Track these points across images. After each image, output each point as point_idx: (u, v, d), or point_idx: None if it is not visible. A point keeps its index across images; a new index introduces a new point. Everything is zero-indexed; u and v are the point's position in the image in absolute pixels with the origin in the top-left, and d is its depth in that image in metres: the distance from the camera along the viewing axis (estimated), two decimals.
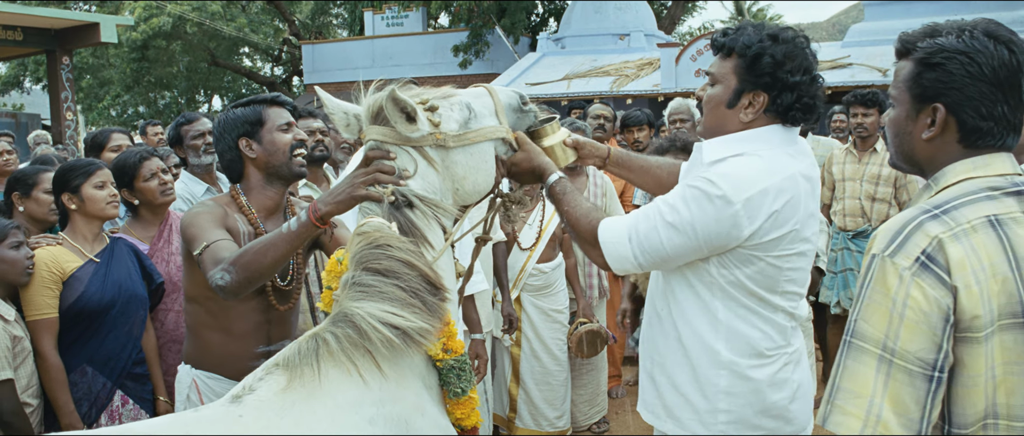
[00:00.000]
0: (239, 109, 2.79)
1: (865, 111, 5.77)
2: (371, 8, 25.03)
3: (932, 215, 1.61)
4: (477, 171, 2.26)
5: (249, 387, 1.86)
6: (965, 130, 1.69)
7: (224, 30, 24.04)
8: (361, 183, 2.13)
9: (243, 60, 31.46)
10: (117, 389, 3.34)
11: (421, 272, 1.96)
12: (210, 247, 2.45)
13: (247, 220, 2.76)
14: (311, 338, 1.90)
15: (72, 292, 3.24)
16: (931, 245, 1.57)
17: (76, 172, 3.37)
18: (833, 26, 66.03)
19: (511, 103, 2.42)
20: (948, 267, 1.55)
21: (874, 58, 16.00)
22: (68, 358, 3.23)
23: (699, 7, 32.13)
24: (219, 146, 2.81)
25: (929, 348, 1.54)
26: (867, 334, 1.60)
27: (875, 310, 1.59)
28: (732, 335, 2.29)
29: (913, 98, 1.74)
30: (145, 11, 23.34)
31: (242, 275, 2.30)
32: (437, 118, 2.19)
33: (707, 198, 2.16)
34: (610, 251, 2.31)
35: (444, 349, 2.04)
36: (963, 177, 1.69)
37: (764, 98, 2.27)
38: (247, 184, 2.81)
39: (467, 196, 2.28)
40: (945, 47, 1.67)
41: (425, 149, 2.18)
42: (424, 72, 22.70)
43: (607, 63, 19.04)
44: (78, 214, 3.37)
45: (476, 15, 21.76)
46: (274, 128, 2.76)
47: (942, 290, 1.54)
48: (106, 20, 15.09)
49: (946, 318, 1.54)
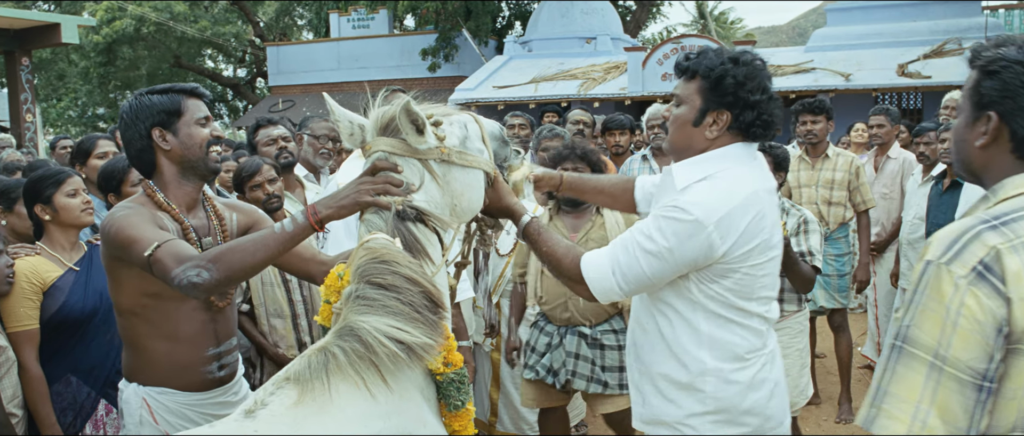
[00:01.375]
0: (155, 96, 2.60)
1: (813, 118, 5.88)
2: (337, 10, 24.91)
3: (990, 226, 1.60)
4: (473, 189, 2.30)
5: (261, 402, 1.86)
6: (1017, 140, 1.70)
7: (188, 31, 23.73)
8: (368, 190, 2.11)
9: (206, 61, 31.11)
10: (101, 398, 3.32)
11: (424, 289, 1.97)
12: (164, 246, 2.26)
13: (170, 216, 2.60)
14: (320, 352, 1.91)
15: (54, 302, 3.20)
16: (989, 255, 1.56)
17: (46, 182, 3.30)
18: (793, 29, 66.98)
19: (494, 133, 2.46)
20: (1004, 277, 1.54)
21: (836, 62, 16.28)
22: (52, 368, 3.20)
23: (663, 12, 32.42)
24: (128, 134, 2.60)
25: (981, 357, 1.54)
26: (919, 340, 1.59)
27: (928, 317, 1.59)
28: (715, 344, 2.42)
29: (972, 106, 1.76)
30: (107, 13, 23.00)
31: (223, 273, 2.14)
32: (442, 133, 2.22)
33: (681, 224, 2.29)
34: (596, 286, 2.41)
35: (445, 363, 2.05)
36: (1022, 190, 1.69)
37: (727, 116, 2.41)
38: (161, 179, 2.63)
39: (462, 213, 2.31)
40: (1005, 57, 1.69)
41: (429, 163, 2.21)
42: (390, 75, 22.62)
43: (574, 66, 19.17)
44: (52, 224, 3.32)
45: (442, 18, 21.76)
46: (192, 121, 2.61)
47: (998, 301, 1.54)
48: (67, 20, 14.80)
49: (999, 328, 1.54)
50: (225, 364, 2.77)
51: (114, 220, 2.46)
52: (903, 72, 15.21)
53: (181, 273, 2.15)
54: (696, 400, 2.44)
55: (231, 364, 2.82)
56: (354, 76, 22.83)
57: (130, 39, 23.64)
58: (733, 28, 42.71)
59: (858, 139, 8.68)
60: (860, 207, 5.81)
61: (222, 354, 2.76)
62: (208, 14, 26.74)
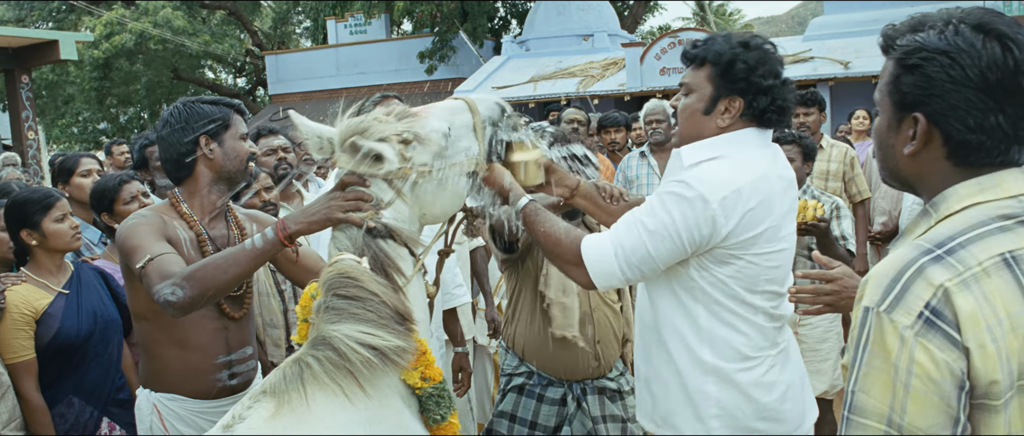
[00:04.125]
0: (206, 106, 2.71)
1: (805, 110, 5.85)
2: (334, 16, 24.93)
3: (934, 257, 1.32)
4: (445, 197, 2.24)
5: (239, 416, 1.88)
6: (952, 144, 1.41)
7: (189, 46, 23.77)
8: (339, 206, 2.11)
9: (206, 73, 31.17)
10: (103, 417, 3.32)
11: (389, 305, 1.97)
12: (154, 260, 2.34)
13: (188, 225, 2.68)
14: (294, 363, 1.93)
15: (48, 329, 3.16)
16: (936, 297, 1.28)
17: (33, 206, 3.22)
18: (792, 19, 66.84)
19: (491, 116, 2.36)
20: (958, 323, 1.27)
21: (835, 51, 16.23)
22: (53, 392, 3.19)
23: (661, 6, 32.39)
24: (174, 138, 2.68)
25: (943, 423, 1.27)
26: (868, 408, 1.33)
27: (875, 379, 1.32)
28: (715, 340, 2.34)
29: (893, 105, 1.47)
30: (106, 28, 23.05)
31: (196, 290, 2.20)
32: (409, 153, 2.15)
33: (685, 200, 2.21)
34: (596, 268, 2.30)
35: (422, 377, 2.05)
36: (969, 203, 1.40)
37: (740, 103, 2.33)
38: (193, 185, 2.72)
39: (434, 219, 2.30)
40: (925, 46, 1.40)
41: (394, 181, 2.16)
42: (389, 79, 22.63)
43: (572, 64, 19.14)
44: (39, 249, 3.26)
45: (439, 20, 21.76)
46: (237, 134, 2.73)
47: (954, 352, 1.26)
48: (65, 37, 14.85)
49: (961, 385, 1.27)
50: (236, 373, 2.79)
51: (124, 226, 2.56)
52: None
53: (159, 290, 2.23)
54: (699, 401, 2.36)
55: (244, 373, 2.84)
56: (354, 82, 22.84)
57: (129, 53, 23.68)
58: (731, 20, 42.63)
59: (859, 126, 8.64)
60: (856, 198, 5.79)
61: (233, 363, 2.77)
62: (206, 26, 26.77)
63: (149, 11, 23.41)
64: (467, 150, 2.26)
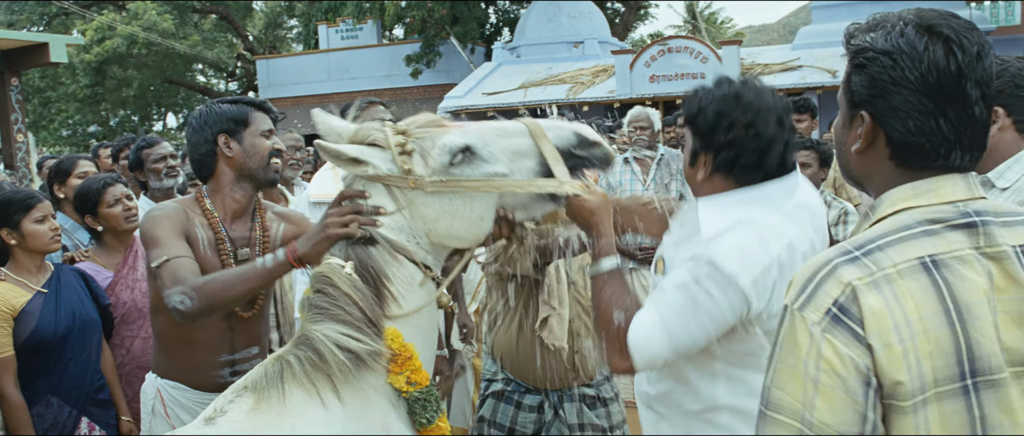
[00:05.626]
0: (225, 105, 2.75)
1: (798, 117, 5.88)
2: (325, 21, 24.98)
3: (850, 257, 1.33)
4: (454, 216, 2.11)
5: (221, 409, 1.95)
6: (894, 145, 1.40)
7: (178, 48, 23.76)
8: (334, 223, 2.13)
9: (197, 76, 31.17)
10: (83, 416, 3.33)
11: (359, 306, 2.00)
12: (170, 263, 2.41)
13: (209, 224, 2.71)
14: (276, 361, 2.00)
15: (25, 327, 3.18)
16: (844, 294, 1.29)
17: (14, 206, 3.25)
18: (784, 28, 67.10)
19: (565, 143, 2.14)
20: (862, 319, 1.27)
21: (823, 60, 16.35)
22: (32, 391, 3.21)
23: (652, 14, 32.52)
24: (195, 138, 2.73)
25: (851, 420, 1.27)
26: (782, 404, 1.32)
27: (788, 375, 1.32)
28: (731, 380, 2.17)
29: (846, 103, 1.48)
30: (97, 33, 23.05)
31: (204, 303, 2.29)
32: (408, 164, 2.09)
33: (720, 284, 1.99)
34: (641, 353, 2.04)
35: (408, 381, 2.06)
36: (901, 207, 1.40)
37: (710, 158, 2.14)
38: (216, 183, 2.76)
39: (442, 238, 2.15)
40: (871, 46, 1.40)
41: (393, 189, 2.13)
42: (380, 84, 22.69)
43: (562, 71, 19.24)
44: (19, 249, 3.29)
45: (429, 25, 21.83)
46: (257, 131, 2.74)
47: (858, 348, 1.27)
48: (55, 40, 14.79)
49: (867, 381, 1.27)
50: (239, 371, 2.81)
51: (149, 217, 2.62)
52: None
53: (171, 295, 2.31)
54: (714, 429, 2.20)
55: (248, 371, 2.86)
56: (344, 87, 22.90)
57: (120, 58, 23.68)
58: (723, 28, 42.82)
59: None
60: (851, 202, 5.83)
61: (236, 361, 2.82)
62: (198, 30, 26.78)
63: (139, 15, 23.43)
64: (499, 174, 2.10)
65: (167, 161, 4.45)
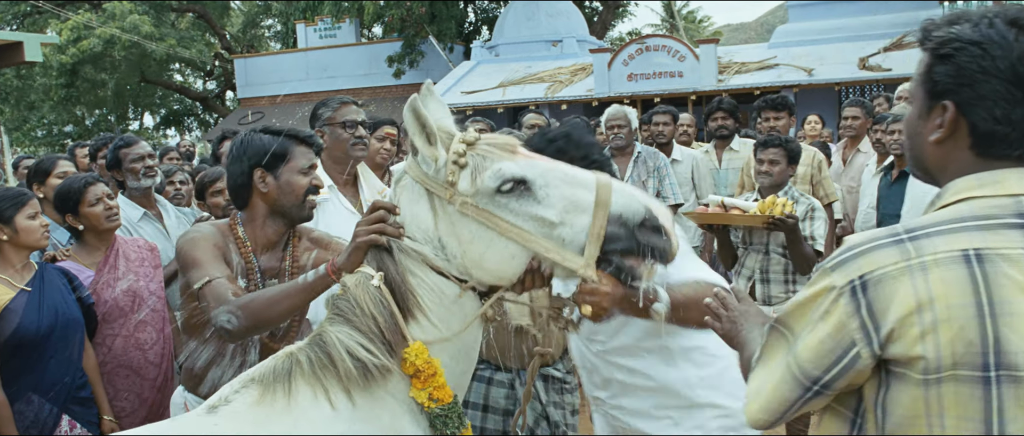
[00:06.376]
0: (266, 137, 2.67)
1: (775, 115, 5.93)
2: (304, 20, 24.88)
3: (896, 240, 1.44)
4: (487, 245, 1.98)
5: (225, 398, 1.95)
6: (977, 134, 1.47)
7: (155, 51, 23.54)
8: (363, 232, 2.07)
9: (174, 76, 30.94)
10: (64, 414, 3.35)
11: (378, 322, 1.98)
12: (213, 283, 2.40)
13: (240, 252, 2.69)
14: (287, 357, 1.99)
15: (8, 324, 3.21)
16: (873, 274, 1.41)
17: (7, 202, 3.30)
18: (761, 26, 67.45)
19: (625, 214, 1.95)
20: (878, 302, 1.40)
21: (799, 58, 16.51)
22: (13, 389, 3.22)
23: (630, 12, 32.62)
24: (232, 168, 2.70)
25: (817, 366, 1.47)
26: (788, 323, 1.55)
27: (801, 310, 1.52)
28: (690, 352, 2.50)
29: (925, 94, 1.53)
30: (73, 33, 22.80)
31: (250, 322, 2.28)
32: (455, 176, 1.97)
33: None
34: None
35: (430, 398, 2.03)
36: (964, 196, 1.47)
37: None
38: (250, 213, 2.72)
39: (473, 265, 2.01)
40: (959, 37, 1.45)
41: (434, 199, 2.03)
42: (359, 83, 22.63)
43: (541, 70, 19.29)
44: (8, 245, 3.32)
45: (408, 24, 21.80)
46: (296, 168, 2.67)
47: (855, 323, 1.42)
48: (30, 38, 14.64)
49: (845, 350, 1.43)
50: None
51: (189, 237, 2.61)
52: (864, 66, 15.45)
53: (217, 315, 2.30)
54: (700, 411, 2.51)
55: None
56: (323, 86, 22.82)
57: (95, 58, 23.44)
58: (701, 26, 43.05)
59: (812, 131, 8.81)
60: (823, 201, 5.85)
61: None
62: (174, 30, 26.58)
63: (116, 16, 23.21)
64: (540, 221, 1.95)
65: (145, 161, 4.43)
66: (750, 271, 4.69)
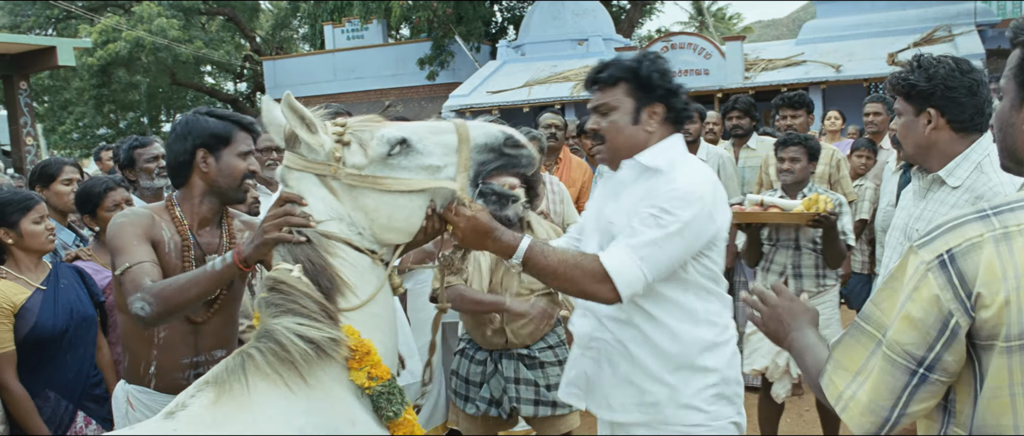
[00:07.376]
0: (211, 120, 2.76)
1: (793, 113, 5.87)
2: (331, 22, 25.06)
3: (981, 216, 1.50)
4: (391, 210, 2.18)
5: (182, 403, 1.97)
6: None
7: (182, 53, 23.80)
8: (271, 227, 2.17)
9: (205, 78, 31.30)
10: (79, 411, 3.41)
11: (313, 298, 2.05)
12: (131, 269, 2.48)
13: (177, 230, 2.75)
14: (238, 355, 2.02)
15: (25, 323, 3.26)
16: (960, 246, 1.47)
17: (12, 207, 3.33)
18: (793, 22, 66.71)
19: (488, 142, 2.25)
20: (967, 270, 1.46)
21: (827, 54, 16.34)
22: (30, 386, 3.28)
23: (657, 9, 32.46)
24: (176, 146, 2.76)
25: (919, 344, 1.50)
26: (873, 317, 1.59)
27: (887, 295, 1.57)
28: (710, 316, 2.56)
29: (1019, 86, 1.60)
30: (102, 35, 23.13)
31: (162, 308, 2.36)
32: (340, 153, 2.16)
33: (689, 202, 2.39)
34: (622, 279, 2.34)
35: (369, 377, 2.09)
36: None
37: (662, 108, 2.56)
38: (188, 192, 2.80)
39: (383, 230, 2.20)
40: None
41: (327, 179, 2.18)
42: (387, 84, 22.76)
43: (567, 68, 19.24)
44: (16, 248, 3.37)
45: (435, 25, 21.87)
46: (236, 152, 2.76)
47: (949, 294, 1.47)
48: (63, 43, 14.96)
49: (945, 322, 1.48)
50: (202, 374, 2.85)
51: (114, 224, 2.66)
52: (893, 61, 15.25)
53: (133, 302, 2.39)
54: (702, 376, 2.54)
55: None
56: (351, 87, 22.99)
57: (125, 61, 23.76)
58: (731, 23, 42.68)
59: (831, 127, 8.71)
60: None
61: (199, 364, 2.85)
62: (204, 33, 26.87)
63: (145, 19, 23.52)
64: (429, 168, 2.19)
65: (158, 161, 4.49)
66: (780, 267, 4.69)
